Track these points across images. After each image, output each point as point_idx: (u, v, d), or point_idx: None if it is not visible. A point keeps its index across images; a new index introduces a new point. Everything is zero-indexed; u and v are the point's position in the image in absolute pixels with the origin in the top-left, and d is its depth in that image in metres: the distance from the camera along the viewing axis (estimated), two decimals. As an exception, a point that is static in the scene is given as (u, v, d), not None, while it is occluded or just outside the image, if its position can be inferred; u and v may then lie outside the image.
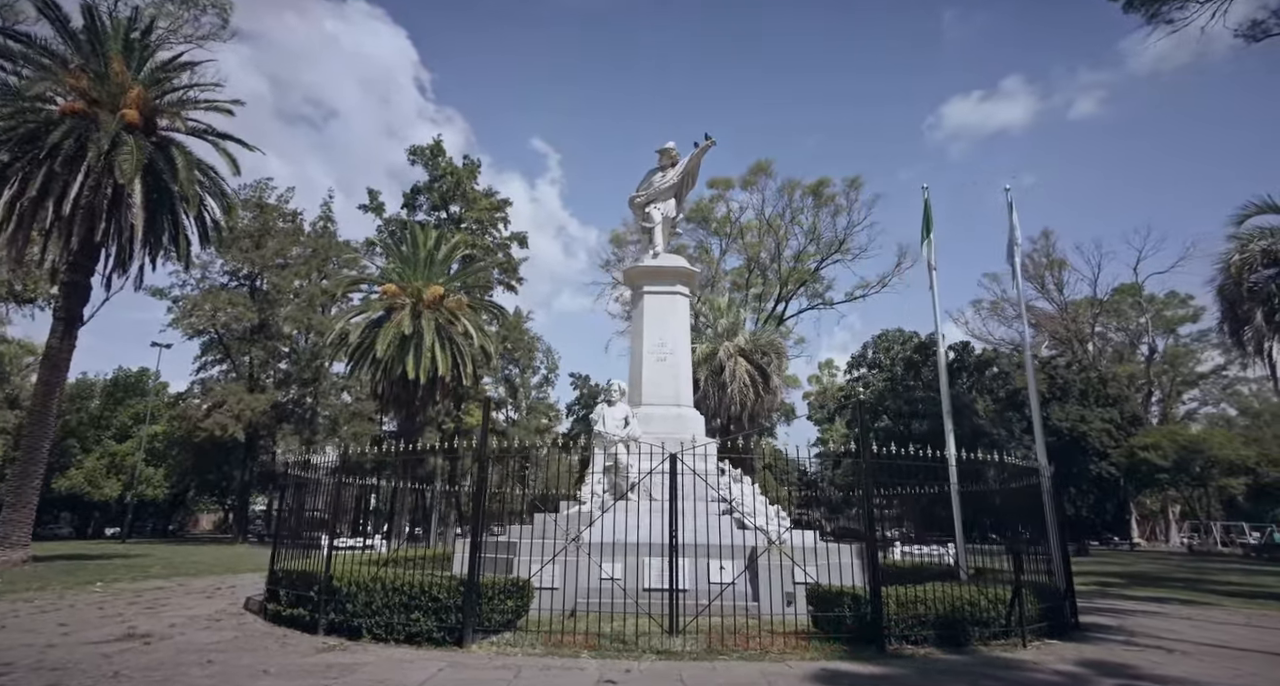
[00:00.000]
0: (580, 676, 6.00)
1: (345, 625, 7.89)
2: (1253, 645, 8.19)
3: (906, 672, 6.18)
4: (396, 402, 29.56)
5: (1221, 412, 64.49)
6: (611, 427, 12.16)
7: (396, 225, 44.39)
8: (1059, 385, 54.12)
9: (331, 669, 6.23)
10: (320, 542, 10.45)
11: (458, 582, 7.67)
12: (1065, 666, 6.57)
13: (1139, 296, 63.00)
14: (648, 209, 14.52)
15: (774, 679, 5.88)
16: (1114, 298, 62.98)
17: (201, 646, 7.26)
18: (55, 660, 6.59)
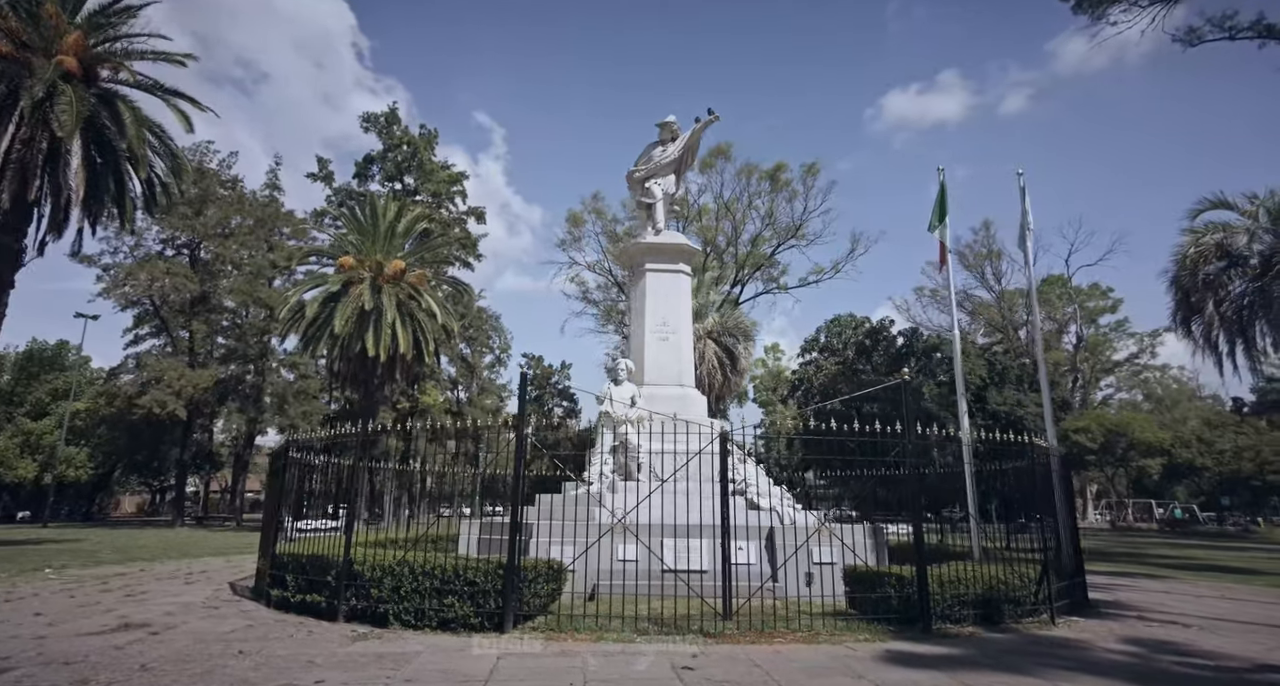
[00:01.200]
0: (648, 661, 5.80)
1: (369, 612, 7.47)
2: (1250, 618, 8.64)
3: (971, 652, 6.22)
4: (354, 380, 28.50)
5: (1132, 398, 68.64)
6: (619, 407, 11.91)
7: (345, 195, 42.59)
8: (997, 371, 56.32)
9: (383, 659, 5.85)
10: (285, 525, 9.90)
11: (495, 566, 7.33)
12: (1114, 644, 6.74)
13: (1067, 287, 66.13)
14: (647, 184, 14.20)
15: (845, 661, 5.82)
16: (1043, 288, 65.98)
17: (219, 635, 6.75)
18: (59, 652, 5.99)
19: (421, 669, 5.53)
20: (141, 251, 37.31)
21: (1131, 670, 5.62)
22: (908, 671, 5.47)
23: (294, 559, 8.59)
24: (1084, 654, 6.25)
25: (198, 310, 36.69)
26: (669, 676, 5.32)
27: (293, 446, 9.99)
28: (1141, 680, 5.28)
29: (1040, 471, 9.10)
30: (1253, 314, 18.65)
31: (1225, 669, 5.78)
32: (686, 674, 5.39)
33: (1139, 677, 5.35)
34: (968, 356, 56.34)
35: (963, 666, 5.62)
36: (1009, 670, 5.52)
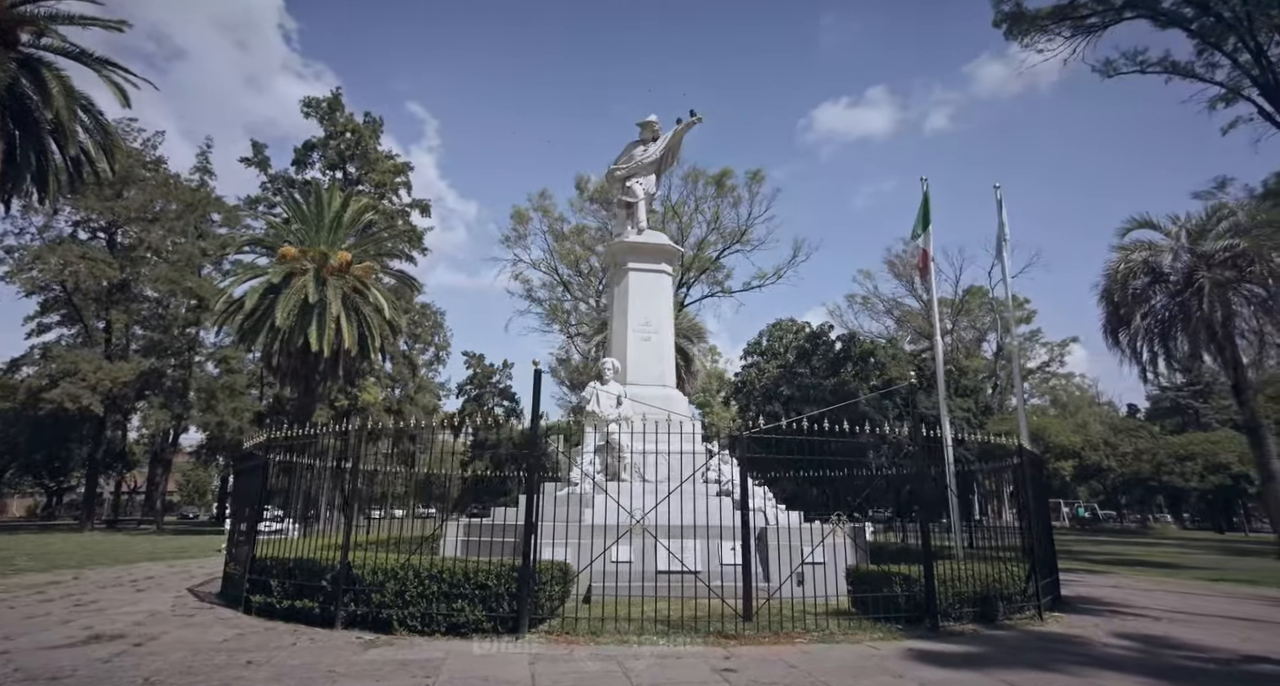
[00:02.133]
0: (694, 664, 5.74)
1: (370, 617, 7.13)
2: (1204, 610, 9.26)
3: (987, 649, 6.42)
4: (294, 376, 27.21)
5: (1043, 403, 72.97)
6: (606, 407, 11.78)
7: (283, 183, 40.70)
8: (926, 376, 58.64)
9: (408, 666, 5.58)
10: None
11: (509, 568, 7.12)
12: (1109, 639, 7.08)
13: (986, 298, 69.64)
14: (629, 183, 14.12)
15: (876, 661, 5.91)
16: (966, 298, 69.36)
17: (212, 645, 6.29)
18: (38, 667, 5.46)
19: (456, 676, 5.30)
20: (52, 233, 34.52)
21: (1142, 664, 5.91)
22: (942, 670, 5.59)
23: (279, 563, 8.11)
24: (1089, 649, 6.55)
25: (116, 299, 34.21)
26: (715, 679, 5.28)
27: (271, 446, 9.42)
28: (1156, 674, 5.56)
29: (1029, 472, 9.51)
30: (1173, 326, 20.12)
31: (1218, 660, 6.17)
32: (730, 675, 5.35)
33: (1153, 672, 5.63)
34: (896, 359, 58.54)
35: (989, 664, 5.79)
36: (1035, 667, 5.72)
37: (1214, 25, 38.35)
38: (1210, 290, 18.72)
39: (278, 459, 9.51)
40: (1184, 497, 65.43)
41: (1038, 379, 72.37)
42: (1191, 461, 51.46)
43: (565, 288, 59.32)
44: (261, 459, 9.44)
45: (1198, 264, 19.47)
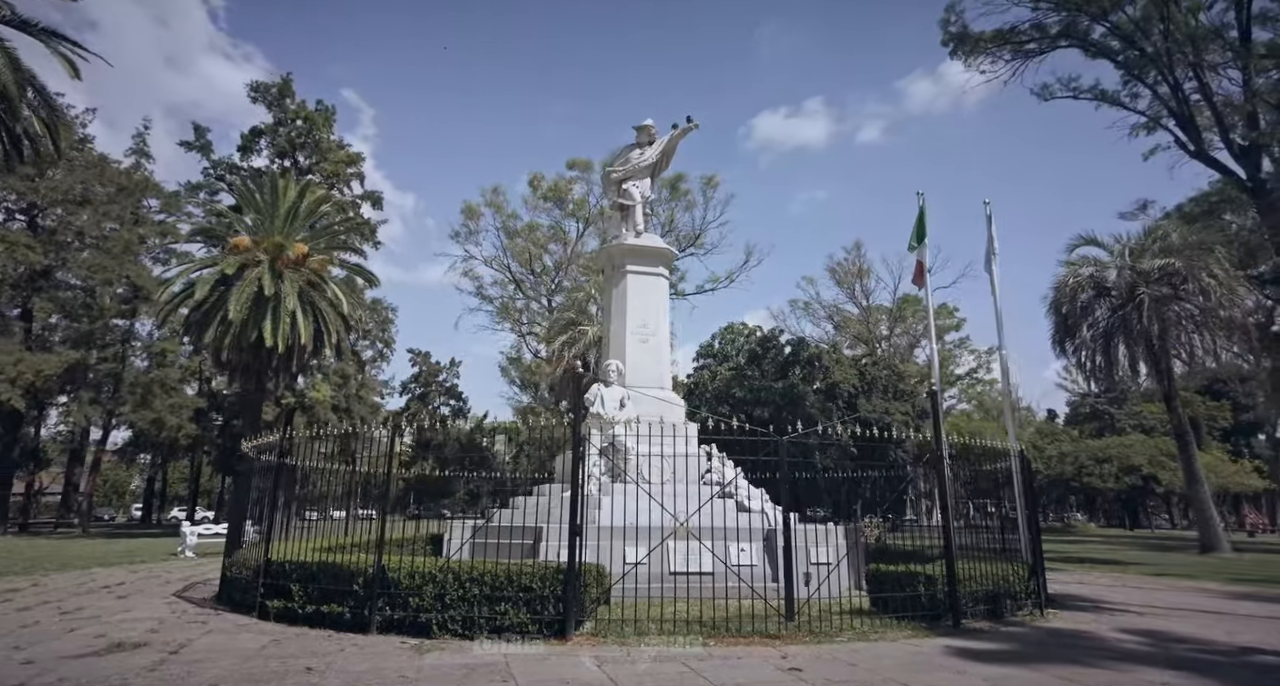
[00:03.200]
0: (758, 665, 5.87)
1: (407, 622, 6.99)
2: (1177, 605, 9.96)
3: (1016, 646, 6.78)
4: (245, 371, 26.05)
5: (970, 408, 76.60)
6: (610, 409, 11.82)
7: (227, 169, 38.92)
8: (867, 380, 60.50)
9: (476, 671, 5.51)
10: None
11: (555, 571, 7.10)
12: (1113, 633, 7.56)
13: (919, 306, 72.60)
14: (626, 186, 14.17)
15: (928, 658, 6.15)
16: (900, 306, 72.15)
17: (253, 652, 6.06)
18: (84, 677, 5.15)
19: (534, 679, 5.28)
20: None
21: (1163, 658, 6.35)
22: (995, 666, 5.88)
23: (300, 567, 7.83)
24: (1106, 644, 7.01)
25: (40, 286, 31.88)
26: (787, 678, 5.41)
27: (287, 447, 9.09)
28: (1181, 667, 5.99)
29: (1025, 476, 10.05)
30: (1114, 338, 21.55)
31: (1221, 652, 6.69)
32: (798, 674, 5.50)
33: (1176, 665, 6.06)
34: (840, 364, 60.21)
35: (1032, 660, 6.13)
36: (1075, 662, 6.09)
37: (1138, 58, 41.13)
38: (1149, 305, 20.17)
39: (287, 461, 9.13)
40: (1097, 497, 69.83)
41: (965, 384, 75.82)
42: (1108, 463, 54.90)
43: (517, 286, 58.74)
44: (273, 460, 9.07)
45: (1138, 280, 20.94)
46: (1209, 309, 20.05)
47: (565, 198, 59.54)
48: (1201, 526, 22.13)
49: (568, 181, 59.24)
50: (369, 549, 8.95)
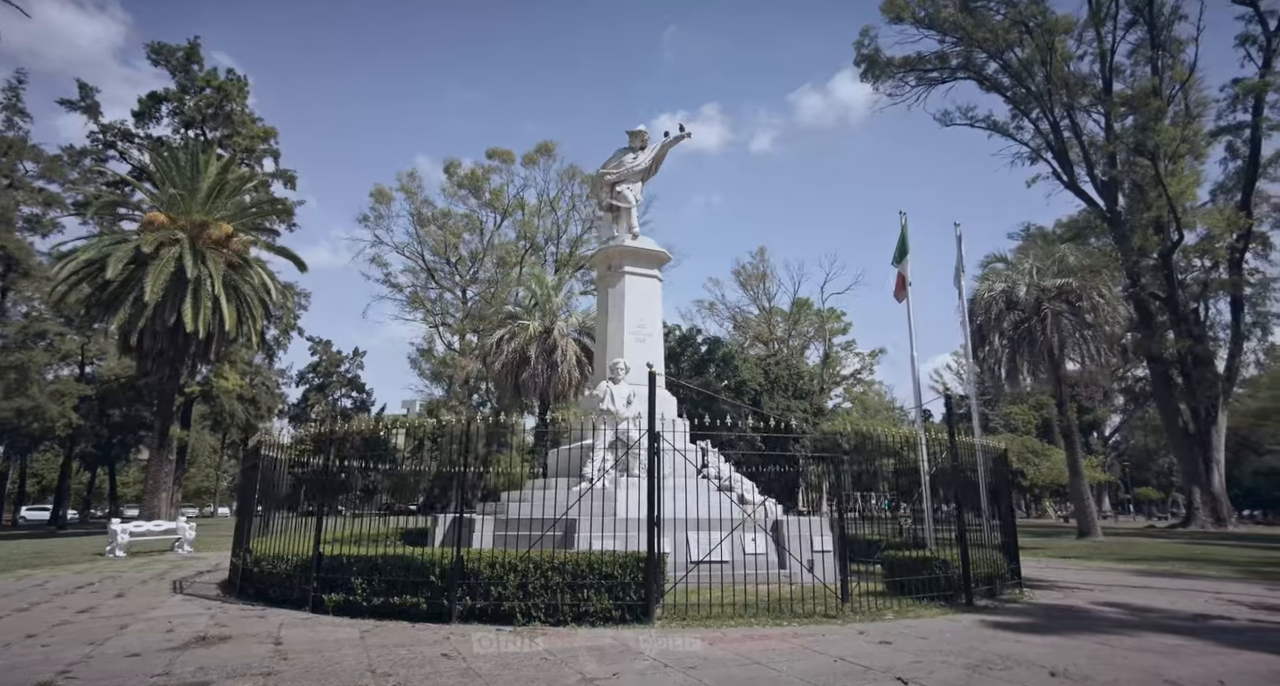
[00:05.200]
0: (847, 638, 6.55)
1: (488, 610, 7.21)
2: (1120, 582, 11.55)
3: (1031, 620, 7.80)
4: (160, 357, 24.18)
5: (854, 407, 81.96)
6: (620, 405, 12.22)
7: (118, 135, 35.59)
8: (771, 379, 63.28)
9: (597, 652, 5.87)
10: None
11: (635, 558, 7.51)
12: (1095, 607, 8.79)
13: (810, 310, 77.05)
14: (619, 188, 14.55)
15: (971, 630, 7.01)
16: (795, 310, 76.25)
17: (354, 642, 6.10)
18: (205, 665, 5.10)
19: (658, 656, 5.70)
20: None
21: (1147, 624, 7.52)
22: (1035, 636, 6.81)
23: (361, 561, 7.80)
24: (1096, 615, 8.22)
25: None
26: (879, 650, 6.11)
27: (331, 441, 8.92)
28: (1167, 630, 7.15)
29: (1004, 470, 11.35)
30: (1020, 347, 24.12)
31: (1183, 617, 8.03)
32: (887, 647, 6.22)
33: (1161, 629, 7.24)
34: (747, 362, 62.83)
35: (1057, 630, 7.12)
36: (1089, 630, 7.17)
37: (1024, 95, 45.67)
38: (1051, 318, 22.79)
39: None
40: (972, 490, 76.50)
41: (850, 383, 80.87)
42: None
43: (430, 275, 57.10)
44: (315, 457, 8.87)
45: (1042, 296, 23.57)
46: (1097, 324, 22.94)
47: (482, 186, 58.49)
48: (1080, 515, 25.22)
49: (485, 170, 58.23)
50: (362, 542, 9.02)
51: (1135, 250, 38.74)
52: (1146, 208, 39.41)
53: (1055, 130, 44.19)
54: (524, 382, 28.90)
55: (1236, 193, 41.14)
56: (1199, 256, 41.79)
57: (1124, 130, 41.76)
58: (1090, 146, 43.60)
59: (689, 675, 5.12)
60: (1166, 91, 41.06)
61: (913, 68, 49.76)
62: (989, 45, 44.37)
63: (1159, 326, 38.89)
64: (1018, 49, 44.60)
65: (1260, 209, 40.47)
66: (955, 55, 48.32)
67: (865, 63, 50.56)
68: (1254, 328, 43.52)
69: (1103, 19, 43.02)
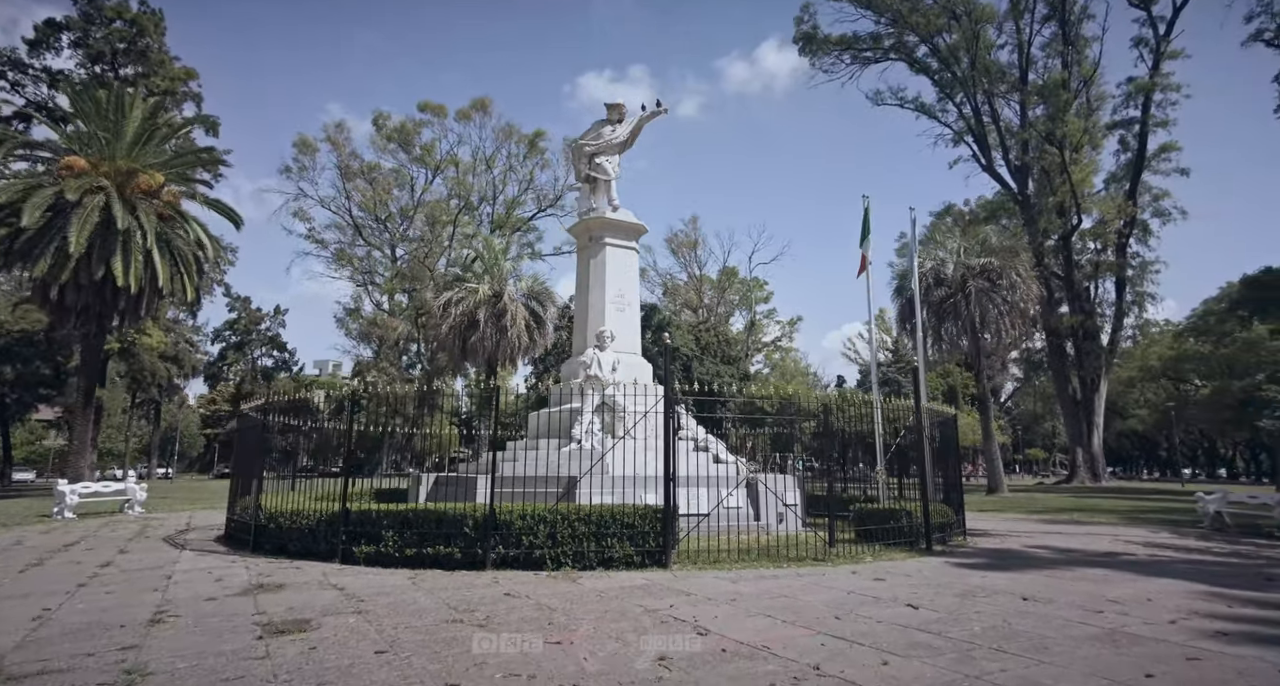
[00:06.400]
0: (842, 576, 7.58)
1: (520, 558, 7.87)
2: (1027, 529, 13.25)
3: (986, 561, 9.08)
4: (84, 313, 22.87)
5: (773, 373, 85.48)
6: (606, 371, 12.85)
7: (8, 62, 32.49)
8: (702, 345, 65.10)
9: (646, 588, 6.65)
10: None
11: (653, 510, 8.30)
12: (1030, 550, 10.23)
13: (735, 278, 79.39)
14: (598, 160, 14.93)
15: (939, 569, 8.17)
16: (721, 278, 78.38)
17: (405, 588, 6.65)
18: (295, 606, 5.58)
19: (699, 590, 6.54)
20: None
21: (1072, 561, 8.92)
22: (995, 573, 8.00)
23: (390, 515, 8.28)
24: (1034, 556, 9.63)
25: None
26: (875, 585, 7.17)
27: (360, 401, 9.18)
28: (1093, 564, 8.56)
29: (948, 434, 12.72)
30: (945, 320, 26.14)
31: (1098, 555, 9.52)
32: (880, 584, 7.25)
33: (1086, 563, 8.64)
34: (679, 329, 64.40)
35: (1006, 568, 8.38)
36: (1031, 567, 8.45)
37: (950, 80, 48.06)
38: (975, 295, 24.84)
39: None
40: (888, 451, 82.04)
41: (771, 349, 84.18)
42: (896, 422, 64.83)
43: (358, 231, 55.18)
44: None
45: (968, 274, 25.59)
46: (1014, 301, 25.17)
47: (412, 141, 56.65)
48: (991, 473, 27.93)
49: (416, 124, 56.35)
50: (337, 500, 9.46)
51: (1041, 231, 42.03)
52: (1052, 193, 42.63)
53: (977, 115, 46.82)
54: (472, 346, 28.91)
55: (1125, 182, 45.04)
56: (1093, 240, 45.70)
57: (1036, 119, 44.78)
58: (1006, 132, 46.55)
59: (734, 605, 5.98)
60: (1074, 85, 44.19)
61: (848, 46, 51.24)
62: (921, 29, 46.23)
63: (1056, 302, 42.55)
64: (947, 34, 46.68)
65: (1144, 198, 44.50)
66: (889, 36, 50.09)
67: (803, 39, 51.67)
68: (1133, 305, 48.12)
69: (1021, 12, 45.55)
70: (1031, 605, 6.08)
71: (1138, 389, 68.07)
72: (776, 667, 4.14)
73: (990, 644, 4.68)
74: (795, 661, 4.25)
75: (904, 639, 4.81)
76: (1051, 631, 5.05)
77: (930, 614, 5.66)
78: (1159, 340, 60.21)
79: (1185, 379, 57.96)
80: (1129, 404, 71.74)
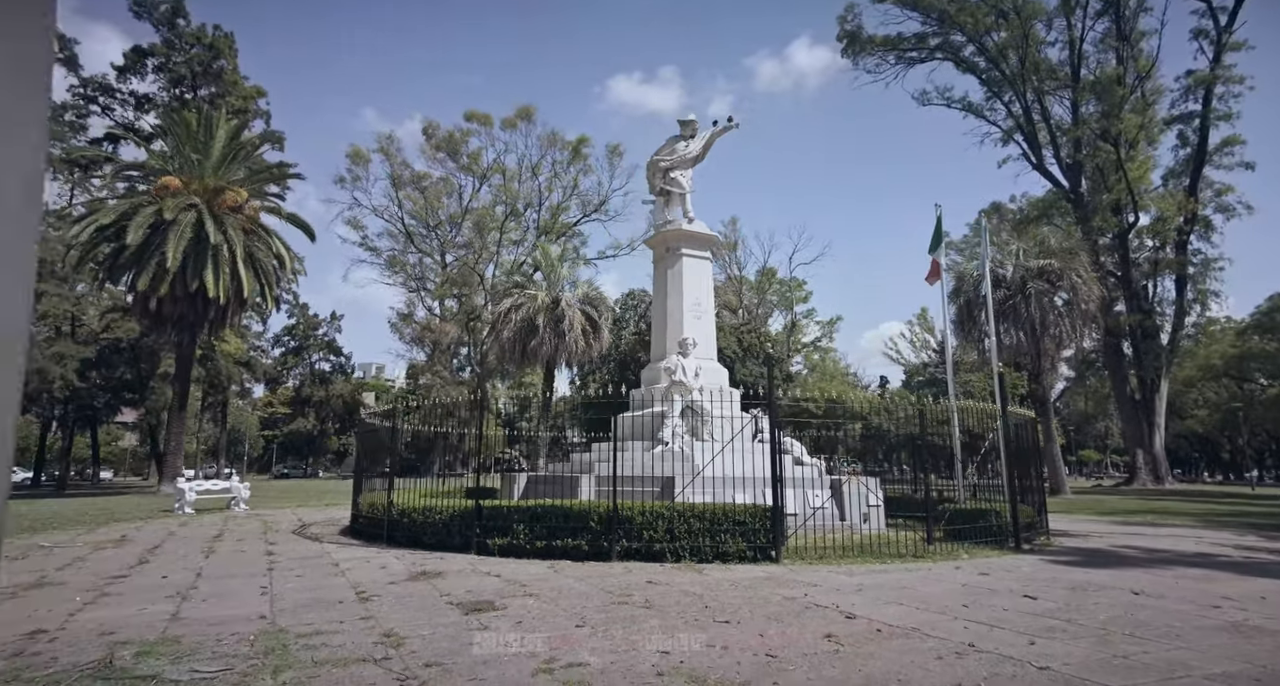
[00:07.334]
0: (952, 574, 8.06)
1: (641, 551, 8.50)
2: (1113, 531, 13.38)
3: (1079, 559, 9.48)
4: (179, 322, 24.33)
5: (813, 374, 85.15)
6: (690, 377, 13.46)
7: (100, 89, 34.47)
8: (744, 347, 65.15)
9: (770, 580, 7.24)
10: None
11: (763, 509, 8.88)
12: (1117, 549, 10.55)
13: (774, 279, 79.37)
14: (672, 174, 15.56)
15: (1039, 566, 8.58)
16: (761, 279, 78.35)
17: (547, 575, 7.32)
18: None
19: (816, 582, 7.09)
20: None
21: (1160, 561, 9.24)
22: (1090, 570, 8.37)
23: (520, 510, 9.02)
24: (1120, 554, 9.95)
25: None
26: (982, 580, 7.63)
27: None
28: (1182, 564, 8.93)
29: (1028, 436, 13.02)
30: (1004, 322, 26.15)
31: (1185, 557, 9.78)
32: (984, 578, 7.74)
33: (1175, 562, 8.98)
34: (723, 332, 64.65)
35: (1104, 566, 8.73)
36: (1127, 565, 8.81)
37: (999, 79, 47.59)
38: (1035, 297, 24.84)
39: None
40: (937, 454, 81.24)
41: (810, 350, 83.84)
42: (947, 424, 64.30)
43: (409, 238, 56.79)
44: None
45: (1027, 276, 25.59)
46: (1074, 302, 25.09)
47: (460, 150, 58.06)
48: (1053, 475, 27.76)
49: (464, 133, 57.75)
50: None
51: (1095, 230, 41.40)
52: (1107, 190, 41.96)
53: (1026, 113, 46.28)
54: (532, 350, 29.81)
55: (1184, 178, 44.07)
56: (1151, 237, 44.80)
57: (1089, 116, 44.09)
58: (1057, 130, 45.91)
59: (862, 595, 6.52)
60: (1129, 80, 43.40)
61: (893, 47, 51.09)
62: (969, 28, 45.91)
63: (1112, 301, 41.90)
64: (995, 33, 46.25)
65: (1205, 194, 43.47)
66: (935, 36, 49.83)
67: (847, 39, 51.70)
68: (1194, 304, 47.00)
69: (1073, 8, 44.90)
70: (1145, 599, 6.48)
71: (1196, 389, 66.23)
72: (935, 644, 4.68)
73: (1122, 630, 5.14)
74: (949, 639, 4.79)
75: (1038, 624, 5.30)
76: (1176, 622, 5.48)
77: (1049, 604, 6.12)
78: (1220, 338, 58.51)
79: (1249, 377, 56.30)
80: (1187, 404, 69.76)
